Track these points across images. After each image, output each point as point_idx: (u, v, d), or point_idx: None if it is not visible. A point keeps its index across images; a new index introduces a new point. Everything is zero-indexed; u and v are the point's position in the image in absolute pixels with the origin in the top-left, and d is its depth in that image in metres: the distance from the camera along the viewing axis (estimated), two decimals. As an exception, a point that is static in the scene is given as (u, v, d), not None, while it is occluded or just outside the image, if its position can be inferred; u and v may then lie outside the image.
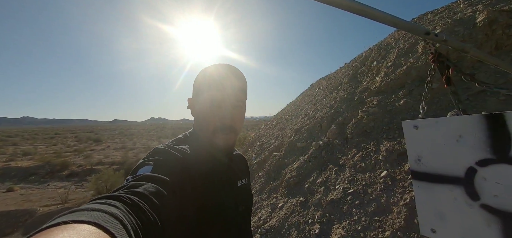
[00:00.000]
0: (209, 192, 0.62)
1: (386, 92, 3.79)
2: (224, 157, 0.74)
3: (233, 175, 0.75)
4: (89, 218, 0.28)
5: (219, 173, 0.69)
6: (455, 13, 4.53)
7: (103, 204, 0.34)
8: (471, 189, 0.87)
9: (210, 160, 0.67)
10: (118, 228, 0.29)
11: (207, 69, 0.70)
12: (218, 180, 0.67)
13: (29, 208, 8.53)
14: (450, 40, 1.17)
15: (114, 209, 0.33)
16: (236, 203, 0.71)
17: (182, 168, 0.57)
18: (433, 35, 1.11)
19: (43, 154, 18.08)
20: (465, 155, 0.86)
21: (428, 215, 1.05)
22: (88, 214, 0.29)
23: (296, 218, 2.59)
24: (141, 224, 0.36)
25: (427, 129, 0.99)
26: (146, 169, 0.51)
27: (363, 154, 2.93)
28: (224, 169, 0.72)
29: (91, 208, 0.31)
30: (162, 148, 0.61)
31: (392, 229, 1.98)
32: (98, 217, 0.29)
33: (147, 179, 0.47)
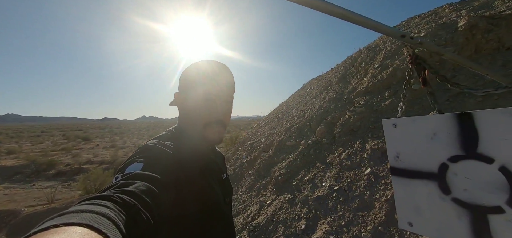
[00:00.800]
0: (205, 187, 0.64)
1: (373, 93, 3.90)
2: (211, 152, 0.78)
3: (219, 170, 0.78)
4: (80, 220, 0.27)
5: (210, 167, 0.72)
6: (440, 17, 4.71)
7: (93, 204, 0.33)
8: (444, 184, 0.94)
9: (200, 155, 0.69)
10: (111, 228, 0.29)
11: (199, 64, 0.71)
12: (209, 174, 0.69)
13: (14, 208, 8.27)
14: (426, 43, 1.24)
15: (105, 209, 0.32)
16: (224, 196, 0.75)
17: (175, 165, 0.57)
18: (408, 38, 1.18)
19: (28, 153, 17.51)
20: (438, 151, 0.93)
21: (406, 209, 1.12)
22: (78, 215, 0.29)
23: (284, 215, 2.65)
24: (134, 224, 0.35)
25: (405, 127, 1.05)
26: (136, 167, 0.49)
27: (349, 152, 3.02)
28: (212, 163, 0.75)
29: (81, 209, 0.30)
30: (152, 145, 0.60)
31: (374, 223, 2.06)
32: (89, 218, 0.28)
33: (138, 177, 0.45)
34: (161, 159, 0.55)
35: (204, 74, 0.68)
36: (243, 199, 3.57)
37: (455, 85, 1.50)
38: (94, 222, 0.28)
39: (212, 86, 0.68)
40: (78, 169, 13.97)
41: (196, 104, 0.68)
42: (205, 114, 0.68)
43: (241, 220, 2.98)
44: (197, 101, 0.68)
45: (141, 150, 0.57)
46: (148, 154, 0.55)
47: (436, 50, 1.52)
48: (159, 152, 0.57)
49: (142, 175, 0.46)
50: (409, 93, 3.55)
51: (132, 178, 0.45)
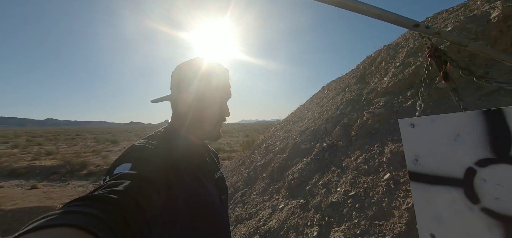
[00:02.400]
0: (197, 188, 0.64)
1: (393, 93, 3.67)
2: (204, 151, 0.79)
3: (212, 168, 0.78)
4: (68, 221, 0.27)
5: (203, 166, 0.72)
6: (471, 10, 4.31)
7: (81, 205, 0.32)
8: (471, 191, 0.82)
9: (194, 156, 0.70)
10: (101, 227, 0.29)
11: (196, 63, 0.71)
12: (203, 174, 0.70)
13: (50, 205, 9.01)
14: (444, 32, 1.13)
15: (93, 210, 0.32)
16: (219, 194, 0.75)
17: (166, 165, 0.56)
18: (423, 27, 1.07)
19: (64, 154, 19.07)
20: (463, 154, 0.82)
21: (427, 219, 1.01)
22: (66, 217, 0.28)
23: (296, 220, 2.56)
24: (124, 223, 0.34)
25: (424, 127, 0.95)
26: (124, 167, 0.49)
27: (366, 156, 2.86)
28: (205, 162, 0.75)
29: (70, 210, 0.30)
30: (139, 145, 0.59)
31: (392, 234, 1.91)
32: (78, 219, 0.28)
33: (126, 177, 0.44)
34: (150, 159, 0.54)
35: (206, 72, 0.69)
36: (256, 202, 3.53)
37: (481, 79, 1.33)
38: (82, 223, 0.27)
39: (216, 84, 0.70)
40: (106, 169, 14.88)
41: (208, 105, 0.69)
42: (216, 114, 0.71)
43: (252, 224, 2.94)
44: (209, 102, 0.69)
45: (128, 151, 0.56)
46: (135, 155, 0.54)
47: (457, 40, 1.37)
48: (148, 152, 0.56)
49: (131, 175, 0.46)
50: (435, 93, 3.28)
51: (120, 178, 0.44)
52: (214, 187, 0.74)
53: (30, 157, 18.42)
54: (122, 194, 0.39)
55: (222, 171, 0.86)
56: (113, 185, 0.41)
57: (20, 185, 12.26)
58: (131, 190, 0.41)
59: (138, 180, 0.45)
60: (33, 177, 13.85)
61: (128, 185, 0.42)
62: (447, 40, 1.19)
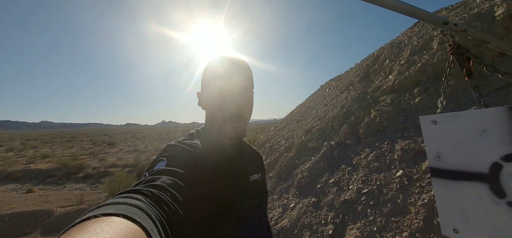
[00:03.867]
0: (220, 185, 0.63)
1: (400, 91, 3.68)
2: (233, 150, 0.74)
3: (244, 169, 0.74)
4: (116, 211, 0.30)
5: (230, 166, 0.69)
6: (471, 8, 4.36)
7: (126, 198, 0.35)
8: (497, 186, 0.82)
9: (219, 153, 0.68)
10: (143, 217, 0.31)
11: (212, 61, 0.71)
12: (229, 174, 0.67)
13: (47, 208, 8.85)
14: (470, 30, 1.12)
15: (137, 201, 0.34)
16: (249, 198, 0.71)
17: (194, 162, 0.59)
18: (451, 25, 1.07)
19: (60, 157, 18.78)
20: (489, 150, 0.81)
21: (450, 214, 1.00)
22: (114, 207, 0.31)
23: (309, 219, 2.54)
24: (164, 214, 0.37)
25: (447, 124, 0.94)
26: (161, 164, 0.53)
27: (377, 153, 2.85)
28: (235, 162, 0.72)
29: (116, 202, 0.33)
30: (173, 144, 0.63)
31: (410, 230, 1.90)
32: (124, 209, 0.31)
33: (162, 173, 0.49)
34: (181, 157, 0.58)
35: (214, 70, 0.69)
36: (264, 202, 3.51)
37: (506, 75, 1.34)
38: (128, 213, 0.30)
39: (221, 80, 0.67)
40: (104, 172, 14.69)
41: (210, 101, 0.70)
42: (218, 110, 0.68)
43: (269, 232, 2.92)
44: (210, 98, 0.69)
45: (164, 150, 0.61)
46: (169, 153, 0.58)
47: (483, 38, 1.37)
48: (179, 150, 0.60)
49: (167, 171, 0.50)
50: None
51: (158, 173, 0.48)
52: (244, 189, 0.71)
53: (25, 160, 18.10)
54: (160, 187, 0.42)
55: (261, 175, 0.81)
56: (152, 179, 0.45)
57: (15, 188, 12.03)
58: (167, 184, 0.45)
59: (172, 175, 0.49)
60: (29, 180, 13.60)
61: (164, 180, 0.46)
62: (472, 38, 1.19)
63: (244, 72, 0.70)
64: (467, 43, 3.00)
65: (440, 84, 3.21)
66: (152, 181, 0.44)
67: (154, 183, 0.43)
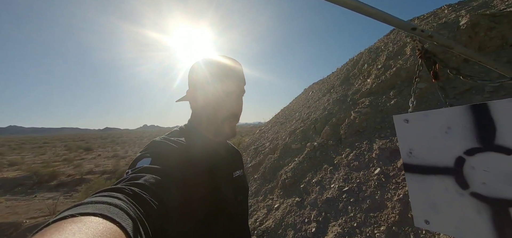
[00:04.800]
0: (211, 184, 0.63)
1: (377, 93, 3.88)
2: (221, 149, 0.76)
3: (230, 167, 0.76)
4: (94, 210, 0.29)
5: (219, 165, 0.70)
6: (440, 18, 4.73)
7: (106, 196, 0.34)
8: (461, 178, 0.91)
9: (211, 152, 0.69)
10: (123, 217, 0.30)
11: (213, 59, 0.70)
12: (219, 172, 0.68)
13: (15, 220, 8.17)
14: (436, 36, 1.23)
15: (117, 200, 0.33)
16: (235, 194, 0.73)
17: (182, 160, 0.57)
18: (419, 30, 1.16)
19: (30, 164, 17.45)
20: (453, 145, 0.90)
21: (421, 207, 1.08)
22: (93, 206, 0.30)
23: (293, 218, 2.59)
24: (146, 214, 0.36)
25: (417, 122, 1.03)
26: (145, 162, 0.51)
27: (356, 153, 2.98)
28: (223, 161, 0.73)
29: (95, 201, 0.32)
30: (159, 141, 0.61)
31: (387, 224, 2.01)
32: (103, 208, 0.30)
33: (147, 171, 0.47)
34: (168, 155, 0.56)
35: (220, 69, 0.68)
36: (249, 204, 3.51)
37: (468, 77, 1.47)
38: (107, 212, 0.29)
39: (230, 81, 0.68)
40: (79, 179, 13.87)
41: (212, 100, 0.68)
42: (222, 109, 0.68)
43: (249, 225, 2.92)
44: (213, 97, 0.67)
45: (149, 146, 0.59)
46: (155, 150, 0.56)
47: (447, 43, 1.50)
48: (166, 148, 0.58)
49: (151, 169, 0.48)
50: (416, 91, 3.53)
51: (141, 171, 0.46)
52: (230, 186, 0.72)
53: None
54: (143, 187, 0.41)
55: (242, 171, 0.83)
56: (134, 178, 0.43)
57: (-22, 200, 11.01)
58: (151, 183, 0.43)
59: (157, 174, 0.47)
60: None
61: (148, 178, 0.44)
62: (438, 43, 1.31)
63: (242, 74, 0.72)
64: (435, 48, 3.25)
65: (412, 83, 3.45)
66: (135, 179, 0.43)
67: (137, 182, 0.42)
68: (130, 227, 0.30)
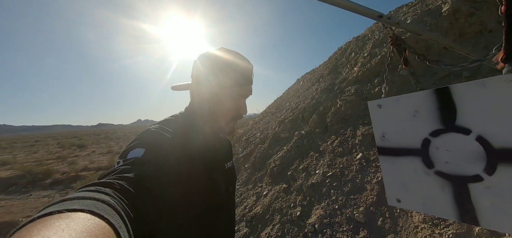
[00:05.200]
0: (206, 177, 0.63)
1: (363, 81, 3.97)
2: (217, 142, 0.75)
3: (223, 159, 0.76)
4: (82, 206, 0.28)
5: (214, 158, 0.70)
6: (427, 5, 4.79)
7: (94, 191, 0.33)
8: (427, 159, 1.00)
9: (206, 146, 0.67)
10: (112, 214, 0.30)
11: (225, 59, 0.66)
12: (213, 165, 0.68)
13: (11, 220, 8.17)
14: (403, 23, 1.29)
15: (105, 196, 0.33)
16: (227, 186, 0.73)
17: (177, 153, 0.56)
18: (386, 18, 1.23)
19: (23, 163, 17.23)
20: (421, 127, 0.98)
21: (394, 187, 1.18)
22: (80, 202, 0.29)
23: (279, 204, 2.71)
24: (135, 210, 0.35)
25: (388, 107, 1.11)
26: (138, 152, 0.49)
27: (341, 139, 3.09)
28: (217, 154, 0.73)
29: (82, 196, 0.31)
30: (154, 130, 0.58)
31: (366, 204, 2.13)
32: (91, 205, 0.29)
33: (139, 163, 0.45)
34: (163, 147, 0.54)
35: (234, 71, 0.65)
36: (240, 192, 3.62)
37: (433, 62, 1.56)
38: (95, 208, 0.28)
39: (241, 85, 0.66)
40: (74, 176, 13.81)
41: (221, 101, 0.65)
42: (230, 111, 0.67)
43: (238, 212, 3.03)
44: (224, 98, 0.65)
45: (143, 135, 0.56)
46: (149, 140, 0.54)
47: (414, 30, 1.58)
48: (161, 139, 0.56)
49: (143, 161, 0.46)
50: (398, 79, 3.62)
51: (133, 163, 0.45)
52: (223, 178, 0.72)
53: (-20, 169, 16.35)
54: (133, 181, 0.40)
55: (233, 161, 0.84)
56: (125, 170, 0.42)
57: (-29, 201, 10.91)
58: (142, 177, 0.42)
59: (150, 167, 0.45)
60: (-14, 191, 12.38)
61: (139, 172, 0.42)
62: (405, 30, 1.38)
63: (252, 77, 0.70)
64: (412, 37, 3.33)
65: (396, 74, 3.53)
66: (126, 172, 0.41)
67: (127, 176, 0.40)
68: (118, 223, 0.29)
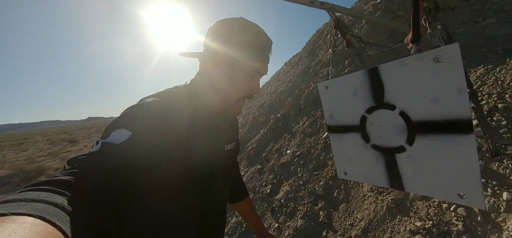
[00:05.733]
0: (199, 157, 0.58)
1: (335, 63, 4.14)
2: (221, 121, 0.68)
3: (223, 140, 0.70)
4: (30, 211, 0.25)
5: (214, 139, 0.65)
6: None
7: (47, 191, 0.30)
8: (365, 133, 1.18)
9: (208, 126, 0.62)
10: (65, 220, 0.27)
11: (252, 30, 0.59)
12: (211, 147, 0.63)
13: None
14: (338, 7, 1.44)
15: (59, 197, 0.29)
16: (223, 168, 0.69)
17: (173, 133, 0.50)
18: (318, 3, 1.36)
19: (13, 162, 17.08)
20: (359, 105, 1.15)
21: (341, 161, 1.38)
22: (28, 205, 0.26)
23: (253, 183, 2.95)
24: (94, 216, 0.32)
25: (334, 88, 1.27)
26: (122, 135, 0.42)
27: (311, 120, 3.30)
28: (219, 134, 0.68)
29: (31, 198, 0.28)
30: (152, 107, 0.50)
31: (326, 179, 2.38)
32: (41, 209, 0.26)
33: (117, 154, 0.39)
34: (156, 127, 0.47)
35: (258, 45, 0.59)
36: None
37: (367, 44, 1.73)
38: (46, 213, 0.26)
39: (262, 62, 0.61)
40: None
41: (238, 77, 0.59)
42: (244, 89, 0.61)
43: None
44: (242, 74, 0.59)
45: (136, 110, 0.48)
46: (141, 121, 0.46)
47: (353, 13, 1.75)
48: (155, 117, 0.48)
49: (121, 152, 0.40)
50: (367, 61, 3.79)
51: (109, 154, 0.39)
52: (220, 160, 0.68)
53: (-31, 170, 16.16)
54: (99, 179, 0.35)
55: (234, 143, 0.77)
56: (93, 164, 0.37)
57: (-36, 202, 10.91)
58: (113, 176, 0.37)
59: (128, 162, 0.40)
60: (-22, 192, 12.35)
61: (110, 169, 0.37)
62: (341, 13, 1.51)
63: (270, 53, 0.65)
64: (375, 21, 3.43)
65: (364, 56, 3.70)
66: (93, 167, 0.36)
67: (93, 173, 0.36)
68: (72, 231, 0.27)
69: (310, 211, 2.13)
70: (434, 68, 0.86)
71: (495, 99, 1.83)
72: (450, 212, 1.43)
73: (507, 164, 1.44)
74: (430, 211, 1.50)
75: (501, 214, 1.28)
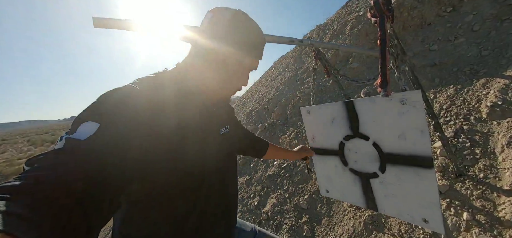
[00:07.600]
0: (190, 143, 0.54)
1: (320, 72, 4.24)
2: (213, 106, 0.67)
3: (216, 122, 0.68)
4: None
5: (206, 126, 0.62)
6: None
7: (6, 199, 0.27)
8: (343, 158, 1.26)
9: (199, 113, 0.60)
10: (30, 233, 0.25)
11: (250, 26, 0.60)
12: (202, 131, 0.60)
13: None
14: (316, 43, 1.50)
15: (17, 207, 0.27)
16: (217, 152, 0.65)
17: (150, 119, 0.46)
18: (297, 41, 1.42)
19: (-10, 166, 16.19)
20: (337, 132, 1.23)
21: (323, 180, 1.45)
22: None
23: (241, 194, 2.98)
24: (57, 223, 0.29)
25: (315, 114, 1.34)
26: (88, 129, 0.38)
27: (297, 131, 3.38)
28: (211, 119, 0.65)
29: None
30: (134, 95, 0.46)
31: (310, 192, 2.45)
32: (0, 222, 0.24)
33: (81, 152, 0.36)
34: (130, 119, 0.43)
35: (258, 41, 0.62)
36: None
37: (343, 77, 1.82)
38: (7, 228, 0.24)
39: (257, 57, 0.64)
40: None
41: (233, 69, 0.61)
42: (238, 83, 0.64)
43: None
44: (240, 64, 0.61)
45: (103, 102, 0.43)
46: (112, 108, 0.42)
47: (330, 46, 1.82)
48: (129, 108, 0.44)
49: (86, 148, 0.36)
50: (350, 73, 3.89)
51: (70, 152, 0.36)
52: (216, 144, 0.65)
53: None
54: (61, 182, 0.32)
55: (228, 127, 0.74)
56: (55, 165, 0.33)
57: None
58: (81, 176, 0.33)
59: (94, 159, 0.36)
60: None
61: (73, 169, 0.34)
62: (320, 48, 1.58)
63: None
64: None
65: (348, 67, 3.82)
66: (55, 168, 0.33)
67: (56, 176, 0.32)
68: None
69: (295, 225, 2.19)
70: (401, 109, 0.94)
71: (462, 121, 1.96)
72: (419, 230, 1.54)
73: (469, 185, 1.56)
74: (401, 228, 1.61)
75: (461, 233, 1.39)
